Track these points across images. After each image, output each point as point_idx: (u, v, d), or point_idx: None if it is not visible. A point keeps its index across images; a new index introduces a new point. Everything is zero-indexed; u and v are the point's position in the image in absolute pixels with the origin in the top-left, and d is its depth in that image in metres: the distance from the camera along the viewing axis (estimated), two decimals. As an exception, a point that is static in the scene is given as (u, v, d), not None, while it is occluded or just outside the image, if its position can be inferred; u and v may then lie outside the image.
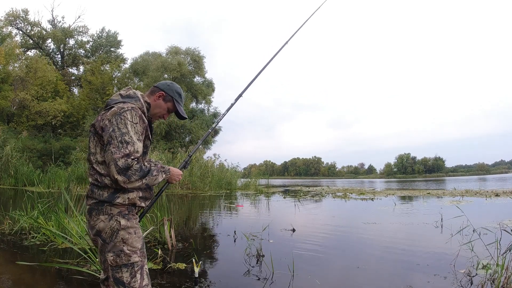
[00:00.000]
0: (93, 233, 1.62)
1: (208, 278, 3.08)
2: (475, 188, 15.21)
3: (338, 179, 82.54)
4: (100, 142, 1.60)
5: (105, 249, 1.59)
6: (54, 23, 29.29)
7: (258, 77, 2.46)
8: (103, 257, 1.62)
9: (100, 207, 1.61)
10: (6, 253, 3.86)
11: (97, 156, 1.63)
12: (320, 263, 3.59)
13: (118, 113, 1.56)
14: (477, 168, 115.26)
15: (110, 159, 1.51)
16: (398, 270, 3.36)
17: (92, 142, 1.64)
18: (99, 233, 1.60)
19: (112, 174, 1.52)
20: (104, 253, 1.60)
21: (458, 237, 4.22)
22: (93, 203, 1.63)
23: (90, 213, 1.63)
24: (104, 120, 1.57)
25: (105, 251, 1.59)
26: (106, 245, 1.58)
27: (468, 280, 2.84)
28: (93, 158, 1.64)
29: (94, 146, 1.64)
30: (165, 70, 24.40)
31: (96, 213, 1.61)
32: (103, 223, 1.59)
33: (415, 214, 7.15)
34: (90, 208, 1.64)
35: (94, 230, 1.62)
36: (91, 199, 1.64)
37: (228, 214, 7.84)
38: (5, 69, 20.72)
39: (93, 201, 1.63)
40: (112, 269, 1.57)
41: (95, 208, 1.62)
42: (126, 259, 1.58)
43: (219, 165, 18.67)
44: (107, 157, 1.53)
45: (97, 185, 1.63)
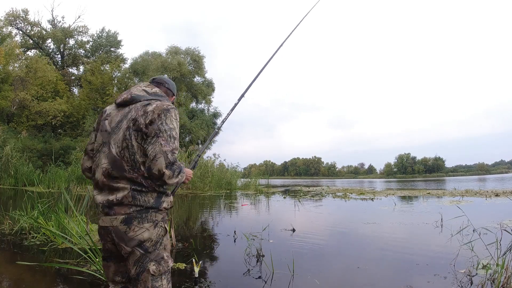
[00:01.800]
0: (133, 244, 1.45)
1: (208, 278, 3.08)
2: (475, 188, 15.21)
3: (338, 179, 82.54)
4: (141, 139, 1.47)
5: (145, 260, 1.46)
6: (54, 23, 29.29)
7: (259, 77, 2.47)
8: (137, 268, 1.47)
9: (144, 215, 1.47)
10: (6, 253, 3.86)
11: (137, 156, 1.47)
12: (320, 263, 3.59)
13: (166, 109, 1.49)
14: (477, 168, 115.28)
15: (158, 151, 1.43)
16: (398, 270, 3.36)
17: (134, 141, 1.47)
18: (141, 243, 1.46)
19: (160, 168, 1.41)
20: (140, 263, 1.46)
21: (458, 237, 4.22)
22: (134, 211, 1.46)
23: (129, 223, 1.44)
24: (153, 114, 1.47)
25: (144, 261, 1.46)
26: (148, 255, 1.47)
27: (468, 280, 2.84)
28: (135, 159, 1.47)
29: (137, 145, 1.46)
30: (165, 70, 24.40)
31: (139, 222, 1.46)
32: (148, 232, 1.47)
33: (415, 214, 7.15)
34: (129, 217, 1.45)
35: (134, 241, 1.45)
36: (130, 207, 1.46)
37: (228, 214, 7.84)
38: (5, 69, 20.72)
39: (135, 209, 1.46)
40: (152, 279, 1.46)
41: (137, 217, 1.46)
42: (166, 266, 1.52)
43: (219, 165, 18.67)
44: (155, 149, 1.43)
45: (139, 190, 1.47)
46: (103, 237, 1.54)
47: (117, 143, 1.49)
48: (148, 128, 1.45)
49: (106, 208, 1.48)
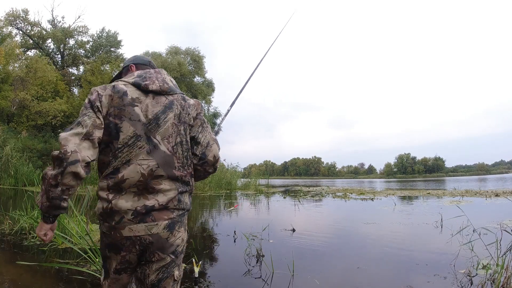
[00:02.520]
0: (170, 251, 1.32)
1: (208, 278, 3.08)
2: (475, 188, 15.21)
3: (338, 179, 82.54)
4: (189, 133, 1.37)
5: (171, 265, 1.34)
6: (54, 23, 29.28)
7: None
8: (160, 274, 1.32)
9: (183, 218, 1.36)
10: (6, 253, 3.86)
11: (190, 153, 1.37)
12: (320, 263, 3.59)
13: (200, 103, 1.49)
14: (477, 168, 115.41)
15: (210, 138, 1.42)
16: (398, 270, 3.36)
17: (188, 136, 1.36)
18: (176, 249, 1.34)
19: (215, 153, 1.41)
20: (165, 269, 1.33)
21: (458, 237, 4.22)
22: (177, 215, 1.31)
23: (172, 229, 1.30)
24: (197, 107, 1.43)
25: (170, 267, 1.34)
26: (176, 260, 1.36)
27: (468, 280, 2.84)
28: (188, 155, 1.36)
29: (187, 140, 1.35)
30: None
31: (179, 226, 1.33)
32: (183, 236, 1.37)
33: (415, 214, 7.15)
34: (173, 222, 1.30)
35: (172, 247, 1.32)
36: (176, 211, 1.31)
37: (228, 214, 7.84)
38: (5, 69, 20.71)
39: (177, 213, 1.32)
40: (173, 285, 1.38)
41: (179, 221, 1.33)
42: (182, 270, 1.46)
43: (219, 165, 18.68)
44: (206, 137, 1.40)
45: (184, 191, 1.35)
46: (126, 249, 1.26)
47: (167, 138, 1.30)
48: (195, 120, 1.40)
49: (140, 215, 1.24)
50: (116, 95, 1.27)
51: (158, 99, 1.32)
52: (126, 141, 1.24)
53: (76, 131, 1.18)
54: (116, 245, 1.26)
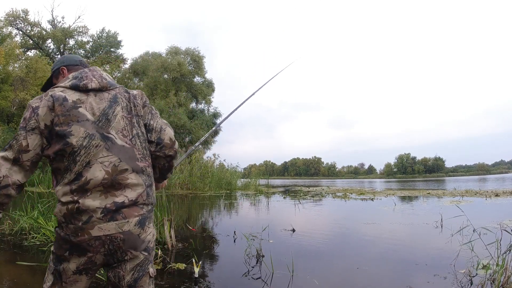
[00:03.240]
0: (143, 248, 1.28)
1: (208, 278, 3.08)
2: (475, 188, 15.20)
3: (338, 179, 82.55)
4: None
5: (145, 262, 1.31)
6: (54, 23, 29.30)
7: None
8: (136, 273, 1.29)
9: (151, 214, 1.33)
10: (6, 253, 3.86)
11: (147, 143, 1.35)
12: (320, 263, 3.59)
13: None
14: (477, 168, 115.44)
15: (162, 123, 1.39)
16: (398, 270, 3.36)
17: (142, 127, 1.35)
18: (148, 245, 1.31)
19: (170, 136, 1.39)
20: (140, 267, 1.30)
21: (458, 237, 4.22)
22: (146, 211, 1.29)
23: (143, 225, 1.27)
24: (142, 97, 1.41)
25: (144, 264, 1.31)
26: (149, 257, 1.32)
27: (468, 280, 2.84)
28: (146, 146, 1.34)
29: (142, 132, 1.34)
30: (165, 70, 24.43)
31: (149, 222, 1.31)
32: (153, 231, 1.34)
33: (415, 214, 7.15)
34: (143, 218, 1.28)
35: (144, 244, 1.29)
36: (145, 206, 1.29)
37: (228, 214, 7.84)
38: (5, 69, 20.73)
39: (147, 208, 1.30)
40: (149, 283, 1.33)
41: (149, 216, 1.31)
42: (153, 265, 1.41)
43: (219, 165, 18.68)
44: (158, 122, 1.39)
45: (150, 185, 1.34)
46: (93, 249, 1.21)
47: (121, 131, 1.28)
48: (144, 109, 1.38)
49: (110, 213, 1.21)
50: (57, 103, 1.23)
51: (100, 96, 1.30)
52: (80, 143, 1.21)
53: (6, 155, 1.21)
54: (81, 247, 1.20)
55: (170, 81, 24.73)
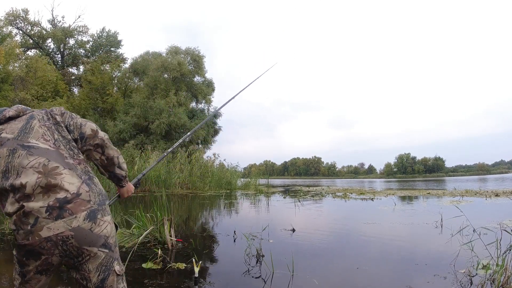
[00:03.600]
0: (100, 243, 1.27)
1: (208, 278, 3.09)
2: (475, 188, 15.21)
3: (338, 179, 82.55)
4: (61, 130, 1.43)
5: (109, 260, 1.30)
6: (54, 22, 29.29)
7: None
8: (101, 273, 1.28)
9: (103, 207, 1.33)
10: (6, 253, 3.86)
11: (73, 142, 1.42)
12: (320, 263, 3.59)
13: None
14: (477, 168, 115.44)
15: (81, 121, 1.47)
16: (398, 270, 3.36)
17: (63, 131, 1.43)
18: (106, 241, 1.29)
19: (92, 127, 1.46)
20: (104, 267, 1.29)
21: (458, 237, 4.22)
22: (94, 203, 1.30)
23: (94, 218, 1.27)
24: (58, 108, 1.52)
25: (109, 262, 1.30)
26: (112, 254, 1.31)
27: (468, 280, 2.84)
28: (72, 146, 1.40)
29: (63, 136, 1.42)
30: (165, 70, 24.40)
31: (102, 215, 1.30)
32: (110, 226, 1.33)
33: (415, 214, 7.15)
34: (92, 211, 1.27)
35: (100, 239, 1.27)
36: (89, 200, 1.29)
37: (228, 214, 7.84)
38: (5, 69, 20.71)
39: (94, 200, 1.31)
40: (117, 281, 1.32)
41: (99, 209, 1.30)
42: (121, 263, 1.38)
43: (219, 165, 18.69)
44: (78, 120, 1.47)
45: (91, 178, 1.37)
46: (47, 252, 1.21)
47: (42, 137, 1.34)
48: (63, 116, 1.47)
49: (55, 210, 1.20)
50: None
51: (19, 120, 1.40)
52: (7, 161, 1.28)
53: None
54: (35, 251, 1.22)
55: (170, 81, 24.70)
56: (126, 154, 17.66)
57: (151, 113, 22.29)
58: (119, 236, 4.53)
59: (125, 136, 21.71)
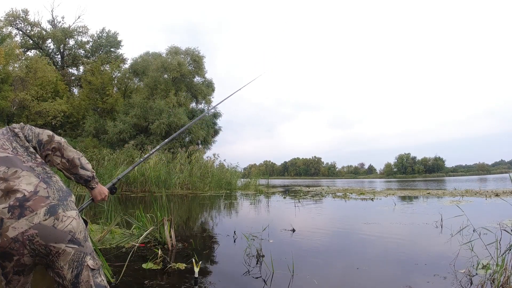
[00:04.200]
0: (67, 238, 1.30)
1: (208, 278, 3.08)
2: (475, 188, 15.21)
3: (338, 179, 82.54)
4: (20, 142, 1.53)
5: (80, 256, 1.33)
6: (54, 23, 29.29)
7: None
8: (74, 269, 1.32)
9: (64, 202, 1.37)
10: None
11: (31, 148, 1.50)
12: (320, 263, 3.59)
13: None
14: (477, 168, 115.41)
15: (39, 131, 1.56)
16: (398, 270, 3.36)
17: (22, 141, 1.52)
18: (73, 236, 1.32)
19: (48, 133, 1.54)
20: (76, 262, 1.32)
21: (458, 237, 4.22)
22: (53, 199, 1.34)
23: (55, 212, 1.30)
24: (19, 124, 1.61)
25: (80, 258, 1.33)
26: (82, 249, 1.35)
27: (468, 280, 2.84)
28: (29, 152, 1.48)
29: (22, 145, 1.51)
30: (165, 70, 24.41)
31: (64, 210, 1.34)
32: (76, 221, 1.35)
33: (415, 214, 7.15)
34: (52, 206, 1.31)
35: (65, 234, 1.30)
36: (50, 194, 1.34)
37: (228, 214, 7.84)
38: (5, 69, 20.71)
39: (53, 196, 1.35)
40: (93, 275, 1.35)
41: (60, 205, 1.34)
42: (98, 259, 1.42)
43: (219, 165, 18.70)
44: (36, 130, 1.56)
45: (50, 176, 1.43)
46: (17, 252, 1.26)
47: (1, 147, 1.42)
48: (23, 129, 1.56)
49: (17, 209, 1.25)
50: None
51: None
52: None
53: None
54: (6, 253, 1.26)
55: (170, 81, 24.71)
56: (126, 155, 17.66)
57: (151, 114, 22.30)
58: (119, 236, 4.53)
59: (125, 136, 21.71)
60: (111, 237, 4.47)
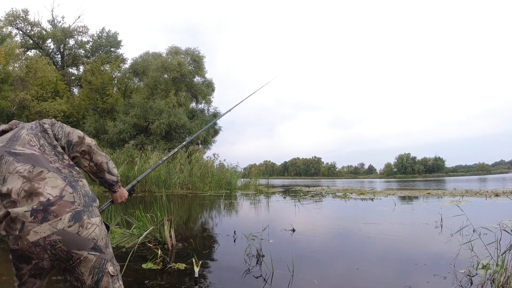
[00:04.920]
0: (90, 246, 1.28)
1: (208, 278, 3.08)
2: (475, 188, 15.21)
3: (338, 179, 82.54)
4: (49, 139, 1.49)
5: (101, 262, 1.31)
6: (54, 23, 29.29)
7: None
8: (95, 275, 1.30)
9: (89, 208, 1.33)
10: (6, 253, 3.86)
11: (58, 148, 1.46)
12: (320, 263, 3.59)
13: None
14: (477, 168, 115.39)
15: (70, 129, 1.53)
16: (398, 270, 3.36)
17: (50, 138, 1.49)
18: (95, 244, 1.29)
19: (79, 134, 1.51)
20: (97, 269, 1.30)
21: (458, 237, 4.22)
22: (79, 204, 1.31)
23: (80, 219, 1.27)
24: (49, 119, 1.60)
25: (101, 264, 1.31)
26: (103, 256, 1.32)
27: (468, 280, 2.84)
28: (58, 151, 1.45)
29: (49, 142, 1.48)
30: (165, 70, 24.41)
31: (89, 217, 1.30)
32: (99, 228, 1.33)
33: (415, 214, 7.15)
34: (77, 212, 1.28)
35: (89, 242, 1.27)
36: (74, 201, 1.30)
37: (228, 214, 7.84)
38: (5, 69, 20.72)
39: (79, 202, 1.32)
40: (112, 281, 1.34)
41: (85, 211, 1.31)
42: (117, 264, 1.40)
43: (219, 165, 18.70)
44: (66, 129, 1.53)
45: (76, 180, 1.39)
46: (36, 256, 1.23)
47: (28, 143, 1.38)
48: (53, 126, 1.52)
49: (40, 213, 1.21)
50: None
51: (10, 132, 1.47)
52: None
53: None
54: (25, 256, 1.23)
55: (170, 81, 24.71)
56: (126, 155, 17.66)
57: (151, 114, 22.29)
58: (119, 236, 4.53)
59: (125, 136, 21.71)
60: (111, 237, 4.47)
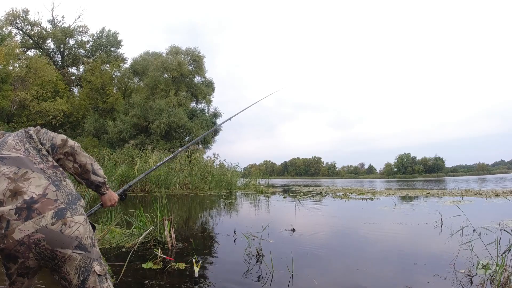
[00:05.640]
0: (74, 244, 1.29)
1: (208, 278, 3.09)
2: (475, 188, 15.21)
3: (338, 179, 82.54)
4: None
5: (87, 261, 1.32)
6: (54, 23, 29.29)
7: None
8: (81, 275, 1.31)
9: (73, 206, 1.36)
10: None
11: (43, 151, 1.51)
12: (319, 263, 3.59)
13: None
14: (477, 168, 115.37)
15: (53, 135, 1.56)
16: (398, 270, 3.36)
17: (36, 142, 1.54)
18: (79, 242, 1.30)
19: (62, 137, 1.54)
20: (83, 268, 1.31)
21: (458, 237, 4.22)
22: (62, 202, 1.33)
23: (62, 216, 1.29)
24: (35, 128, 1.63)
25: (87, 264, 1.32)
26: (89, 255, 1.33)
27: (468, 280, 2.84)
28: (42, 154, 1.49)
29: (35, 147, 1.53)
30: (165, 70, 24.42)
31: (72, 214, 1.32)
32: (83, 227, 1.34)
33: (415, 214, 7.16)
34: (60, 209, 1.30)
35: (73, 240, 1.29)
36: (57, 199, 1.32)
37: (228, 214, 7.84)
38: (5, 69, 20.71)
39: (62, 200, 1.34)
40: (100, 281, 1.34)
41: (68, 208, 1.33)
42: (104, 264, 1.41)
43: (219, 165, 18.71)
44: (51, 134, 1.56)
45: (60, 180, 1.43)
46: (22, 255, 1.25)
47: (14, 148, 1.43)
48: (38, 133, 1.56)
49: (24, 211, 1.24)
50: None
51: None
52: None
53: None
54: (11, 255, 1.26)
55: (170, 81, 24.72)
56: (126, 154, 17.67)
57: (151, 113, 22.30)
58: (119, 236, 4.53)
59: (125, 136, 21.71)
60: (111, 237, 4.47)
